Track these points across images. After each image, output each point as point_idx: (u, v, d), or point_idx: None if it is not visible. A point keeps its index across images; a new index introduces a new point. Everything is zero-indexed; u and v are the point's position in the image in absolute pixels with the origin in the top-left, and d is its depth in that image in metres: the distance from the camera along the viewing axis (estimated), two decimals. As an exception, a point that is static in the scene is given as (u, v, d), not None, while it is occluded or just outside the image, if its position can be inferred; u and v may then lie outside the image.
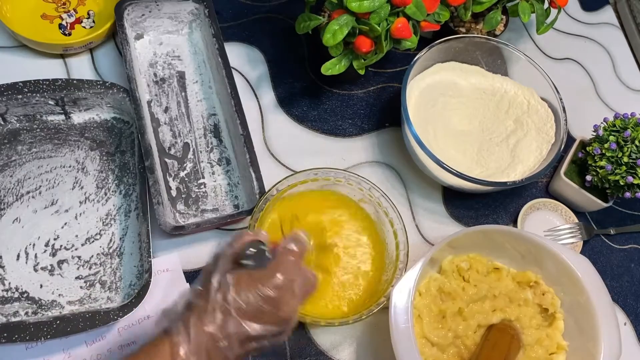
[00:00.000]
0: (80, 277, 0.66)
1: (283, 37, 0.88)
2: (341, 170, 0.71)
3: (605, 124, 0.79)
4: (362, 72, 0.73)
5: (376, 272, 0.70)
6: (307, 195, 0.71)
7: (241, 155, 0.72)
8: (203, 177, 0.74)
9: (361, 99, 0.86)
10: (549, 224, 0.82)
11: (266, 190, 0.68)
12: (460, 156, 0.79)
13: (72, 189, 0.71)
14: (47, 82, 0.71)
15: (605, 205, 0.79)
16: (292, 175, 0.69)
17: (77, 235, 0.68)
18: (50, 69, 0.78)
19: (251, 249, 0.50)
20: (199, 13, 0.81)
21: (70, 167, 0.72)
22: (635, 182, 0.74)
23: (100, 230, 0.69)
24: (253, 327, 0.47)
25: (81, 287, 0.66)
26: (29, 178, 0.70)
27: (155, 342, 0.47)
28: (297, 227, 0.67)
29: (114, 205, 0.71)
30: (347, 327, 0.71)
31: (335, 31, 0.68)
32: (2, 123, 0.72)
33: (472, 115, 0.83)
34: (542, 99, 0.82)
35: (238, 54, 0.85)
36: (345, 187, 0.71)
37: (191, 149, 0.75)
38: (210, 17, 0.78)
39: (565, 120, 0.78)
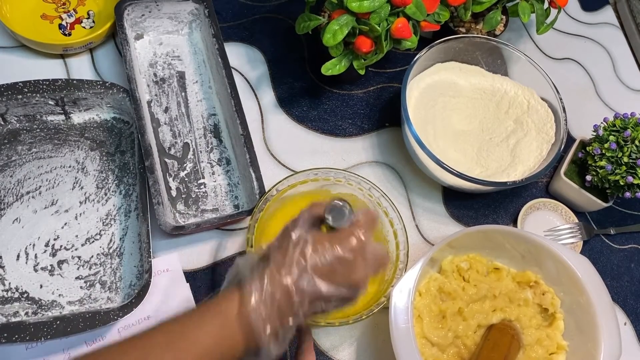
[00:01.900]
0: (80, 277, 0.66)
1: (283, 37, 0.88)
2: (341, 170, 0.71)
3: (605, 124, 0.79)
4: (362, 72, 0.73)
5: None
6: (307, 196, 0.71)
7: (241, 155, 0.72)
8: (203, 177, 0.74)
9: (361, 99, 0.86)
10: (549, 224, 0.82)
11: (266, 190, 0.68)
12: (460, 156, 0.79)
13: (72, 189, 0.71)
14: (47, 82, 0.71)
15: (605, 205, 0.79)
16: (292, 175, 0.69)
17: (77, 236, 0.68)
18: (50, 69, 0.78)
19: (339, 202, 0.50)
20: (198, 13, 0.81)
21: (70, 167, 0.72)
22: (635, 182, 0.74)
23: (100, 231, 0.69)
24: (325, 286, 0.47)
25: (81, 287, 0.66)
26: (29, 178, 0.70)
27: (224, 292, 0.47)
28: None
29: (114, 206, 0.71)
30: (347, 327, 0.71)
31: (336, 31, 0.68)
32: (2, 123, 0.72)
33: (472, 115, 0.83)
34: (542, 99, 0.82)
35: (238, 54, 0.85)
36: (345, 187, 0.71)
37: (191, 149, 0.75)
38: (210, 17, 0.78)
39: (565, 120, 0.78)
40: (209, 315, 0.46)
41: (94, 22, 0.82)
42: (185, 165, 0.74)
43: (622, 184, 0.75)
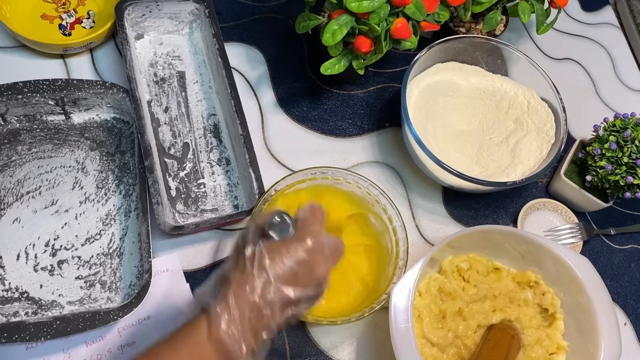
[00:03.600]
0: (80, 277, 0.66)
1: (283, 37, 0.88)
2: (339, 168, 0.71)
3: (605, 124, 0.79)
4: (361, 72, 0.73)
5: (376, 269, 0.69)
6: (307, 194, 0.71)
7: (241, 156, 0.72)
8: (203, 177, 0.74)
9: (361, 99, 0.86)
10: (549, 224, 0.82)
11: (266, 190, 0.68)
12: (460, 156, 0.79)
13: (72, 189, 0.71)
14: (47, 82, 0.71)
15: (605, 205, 0.79)
16: (289, 175, 0.69)
17: (77, 236, 0.68)
18: (50, 69, 0.78)
19: (276, 218, 0.51)
20: (199, 13, 0.81)
21: (70, 167, 0.72)
22: (635, 182, 0.74)
23: (100, 231, 0.69)
24: (292, 291, 0.48)
25: (81, 287, 0.66)
26: (29, 178, 0.70)
27: (191, 322, 0.47)
28: None
29: (114, 206, 0.71)
30: (347, 327, 0.71)
31: (335, 31, 0.68)
32: (2, 123, 0.72)
33: (472, 115, 0.83)
34: (542, 99, 0.82)
35: (238, 54, 0.85)
36: (343, 185, 0.71)
37: (191, 149, 0.75)
38: (211, 17, 0.78)
39: (565, 120, 0.78)
40: (181, 346, 0.45)
41: (94, 22, 0.82)
42: (185, 165, 0.74)
43: (622, 184, 0.74)
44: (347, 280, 0.68)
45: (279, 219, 0.51)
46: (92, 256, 0.67)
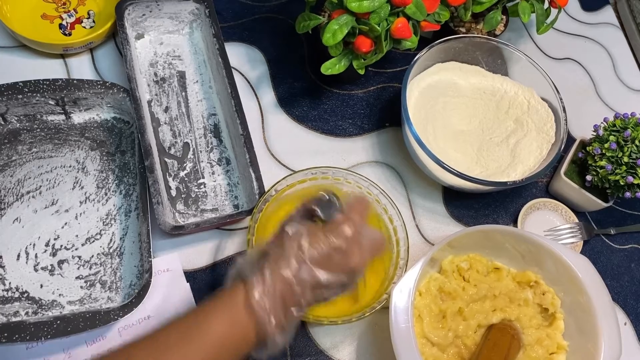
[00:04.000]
0: (81, 277, 0.66)
1: (283, 37, 0.88)
2: (339, 168, 0.71)
3: (605, 124, 0.79)
4: (361, 72, 0.74)
5: (377, 269, 0.69)
6: (308, 193, 0.71)
7: (241, 155, 0.72)
8: (203, 177, 0.74)
9: (361, 99, 0.86)
10: (549, 224, 0.82)
11: (266, 190, 0.68)
12: (460, 156, 0.79)
13: (73, 189, 0.71)
14: (47, 82, 0.71)
15: (605, 205, 0.79)
16: (290, 175, 0.69)
17: (77, 235, 0.68)
18: (50, 69, 0.78)
19: (325, 195, 0.52)
20: (199, 13, 0.81)
21: (70, 167, 0.72)
22: (635, 182, 0.74)
23: (100, 230, 0.69)
24: (324, 275, 0.49)
25: (81, 287, 0.66)
26: (29, 178, 0.70)
27: (229, 288, 0.49)
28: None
29: (114, 205, 0.71)
30: (348, 327, 0.71)
31: (335, 31, 0.68)
32: (3, 123, 0.72)
33: (472, 115, 0.83)
34: (542, 99, 0.82)
35: (238, 54, 0.85)
36: (344, 185, 0.71)
37: (191, 149, 0.75)
38: (211, 17, 0.78)
39: (565, 120, 0.78)
40: (218, 312, 0.47)
41: (94, 22, 0.82)
42: (185, 165, 0.74)
43: (622, 184, 0.75)
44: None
45: (327, 197, 0.52)
46: (93, 256, 0.67)
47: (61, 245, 0.67)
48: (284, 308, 0.48)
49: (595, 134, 0.80)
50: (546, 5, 0.86)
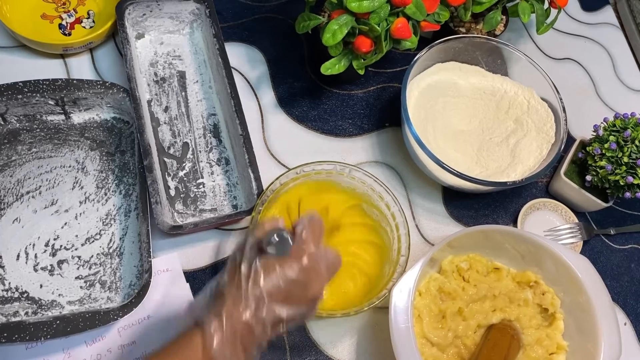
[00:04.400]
0: (80, 277, 0.66)
1: (283, 37, 0.88)
2: (344, 163, 0.71)
3: (605, 124, 0.79)
4: (361, 72, 0.73)
5: (378, 264, 0.70)
6: (307, 188, 0.71)
7: (240, 156, 0.72)
8: (202, 177, 0.74)
9: (361, 99, 0.86)
10: (549, 224, 0.82)
11: (265, 189, 0.68)
12: (460, 156, 0.79)
13: (72, 189, 0.71)
14: (47, 82, 0.71)
15: (605, 205, 0.79)
16: (289, 170, 0.69)
17: (77, 235, 0.68)
18: (50, 69, 0.78)
19: (275, 237, 0.51)
20: (200, 13, 0.81)
21: (70, 167, 0.72)
22: (635, 182, 0.74)
23: (100, 230, 0.69)
24: (285, 310, 0.48)
25: (81, 287, 0.66)
26: (29, 178, 0.70)
27: (185, 335, 0.47)
28: (304, 209, 0.69)
29: (114, 205, 0.71)
30: (347, 325, 0.71)
31: (335, 31, 0.68)
32: (2, 123, 0.72)
33: (472, 115, 0.83)
34: (542, 99, 0.82)
35: (238, 54, 0.85)
36: (346, 180, 0.71)
37: (190, 149, 0.75)
38: (211, 17, 0.78)
39: (565, 120, 0.78)
40: (176, 357, 0.46)
41: (94, 21, 0.82)
42: (184, 164, 0.74)
43: (622, 184, 0.74)
44: (350, 275, 0.68)
45: (277, 239, 0.50)
46: (92, 256, 0.67)
47: (61, 246, 0.67)
48: (245, 350, 0.47)
49: (595, 134, 0.80)
50: (546, 5, 0.86)
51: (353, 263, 0.69)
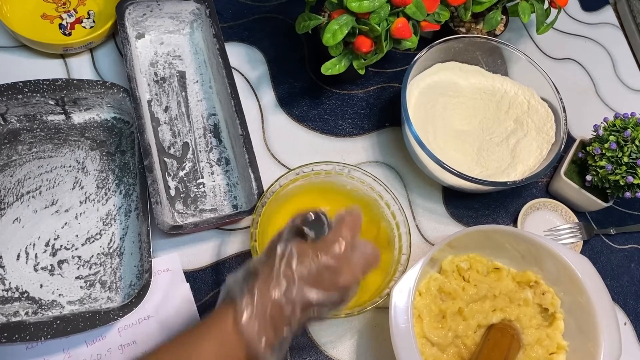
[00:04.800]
0: (81, 277, 0.66)
1: (283, 37, 0.88)
2: (343, 163, 0.71)
3: (605, 124, 0.79)
4: (362, 72, 0.74)
5: (380, 264, 0.70)
6: (306, 189, 0.71)
7: (240, 156, 0.72)
8: (202, 177, 0.74)
9: (361, 99, 0.86)
10: (549, 224, 0.82)
11: (265, 190, 0.68)
12: (460, 156, 0.79)
13: (72, 189, 0.71)
14: (47, 82, 0.71)
15: (605, 205, 0.79)
16: (287, 172, 0.69)
17: (77, 235, 0.68)
18: (50, 69, 0.78)
19: (311, 214, 0.52)
20: (200, 13, 0.81)
21: (70, 167, 0.72)
22: (635, 182, 0.74)
23: (100, 230, 0.69)
24: (314, 294, 0.49)
25: (81, 287, 0.66)
26: (29, 178, 0.70)
27: (220, 308, 0.49)
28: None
29: (114, 205, 0.71)
30: (347, 325, 0.71)
31: (335, 31, 0.68)
32: (2, 123, 0.72)
33: (472, 115, 0.83)
34: (542, 99, 0.82)
35: (238, 54, 0.85)
36: (346, 180, 0.71)
37: (190, 149, 0.75)
38: (212, 17, 0.78)
39: (565, 120, 0.78)
40: (208, 334, 0.47)
41: (94, 21, 0.82)
42: (184, 164, 0.74)
43: (622, 184, 0.75)
44: None
45: (314, 216, 0.51)
46: (92, 256, 0.67)
47: (61, 245, 0.67)
48: (275, 329, 0.47)
49: (595, 134, 0.80)
50: (546, 5, 0.86)
51: None
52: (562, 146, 0.75)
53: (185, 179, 0.73)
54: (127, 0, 0.76)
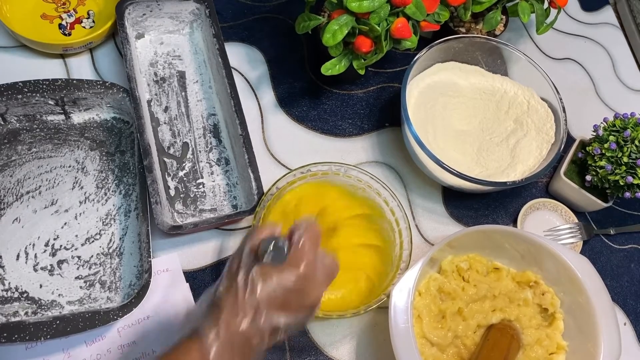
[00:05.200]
0: (80, 277, 0.66)
1: (283, 37, 0.88)
2: (339, 163, 0.71)
3: (605, 124, 0.79)
4: (362, 72, 0.74)
5: (379, 263, 0.70)
6: (304, 191, 0.71)
7: (240, 156, 0.72)
8: (202, 177, 0.74)
9: (361, 99, 0.86)
10: (549, 224, 0.82)
11: (265, 190, 0.68)
12: (460, 156, 0.79)
13: (72, 189, 0.71)
14: (47, 82, 0.71)
15: (605, 205, 0.79)
16: (289, 172, 0.69)
17: (76, 235, 0.68)
18: (50, 69, 0.78)
19: (269, 246, 0.50)
20: (200, 13, 0.81)
21: (70, 167, 0.72)
22: (635, 182, 0.74)
23: (100, 230, 0.69)
24: (283, 318, 0.48)
25: (81, 287, 0.66)
26: (29, 178, 0.70)
27: (182, 345, 0.46)
28: (301, 212, 0.69)
29: (113, 205, 0.71)
30: (347, 326, 0.71)
31: (335, 31, 0.68)
32: (2, 123, 0.72)
33: (472, 115, 0.83)
34: (542, 99, 0.82)
35: (238, 54, 0.85)
36: (350, 182, 0.71)
37: (190, 149, 0.75)
38: (211, 17, 0.78)
39: (565, 120, 0.78)
40: None
41: (94, 22, 0.82)
42: (184, 164, 0.74)
43: (622, 184, 0.75)
44: (351, 276, 0.68)
45: (272, 248, 0.50)
46: (92, 256, 0.67)
47: (61, 245, 0.67)
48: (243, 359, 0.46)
49: (595, 134, 0.80)
50: (546, 5, 0.86)
51: (354, 263, 0.69)
52: (562, 146, 0.75)
53: (185, 179, 0.73)
54: (127, 0, 0.76)
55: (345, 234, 0.70)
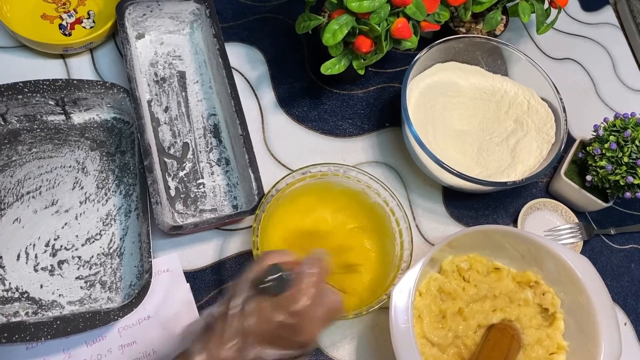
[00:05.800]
0: (81, 277, 0.66)
1: (283, 37, 0.88)
2: (339, 164, 0.71)
3: (605, 124, 0.79)
4: (362, 72, 0.74)
5: (380, 264, 0.70)
6: (304, 192, 0.71)
7: (240, 156, 0.72)
8: (202, 177, 0.74)
9: (361, 99, 0.86)
10: (549, 224, 0.82)
11: (265, 190, 0.68)
12: (460, 156, 0.79)
13: (72, 189, 0.71)
14: (47, 82, 0.71)
15: (605, 205, 0.79)
16: (289, 174, 0.69)
17: (77, 236, 0.68)
18: (50, 69, 0.78)
19: (270, 277, 0.49)
20: (200, 13, 0.81)
21: (70, 167, 0.72)
22: (635, 182, 0.74)
23: (100, 231, 0.69)
24: (271, 353, 0.47)
25: (81, 288, 0.66)
26: (29, 178, 0.70)
27: None
28: (317, 244, 0.68)
29: (114, 206, 0.71)
30: (347, 326, 0.71)
31: (335, 31, 0.68)
32: (3, 123, 0.72)
33: (472, 115, 0.83)
34: (542, 99, 0.82)
35: (238, 54, 0.85)
36: (343, 179, 0.71)
37: (191, 149, 0.75)
38: (212, 18, 0.78)
39: (565, 120, 0.78)
40: None
41: (94, 22, 0.82)
42: (184, 165, 0.74)
43: (622, 184, 0.75)
44: (352, 277, 0.68)
45: (272, 277, 0.48)
46: (92, 256, 0.67)
47: (61, 246, 0.67)
48: None
49: (595, 134, 0.80)
50: (546, 5, 0.86)
51: (354, 264, 0.69)
52: (562, 146, 0.75)
53: (185, 179, 0.73)
54: (127, 0, 0.76)
55: (344, 238, 0.70)
